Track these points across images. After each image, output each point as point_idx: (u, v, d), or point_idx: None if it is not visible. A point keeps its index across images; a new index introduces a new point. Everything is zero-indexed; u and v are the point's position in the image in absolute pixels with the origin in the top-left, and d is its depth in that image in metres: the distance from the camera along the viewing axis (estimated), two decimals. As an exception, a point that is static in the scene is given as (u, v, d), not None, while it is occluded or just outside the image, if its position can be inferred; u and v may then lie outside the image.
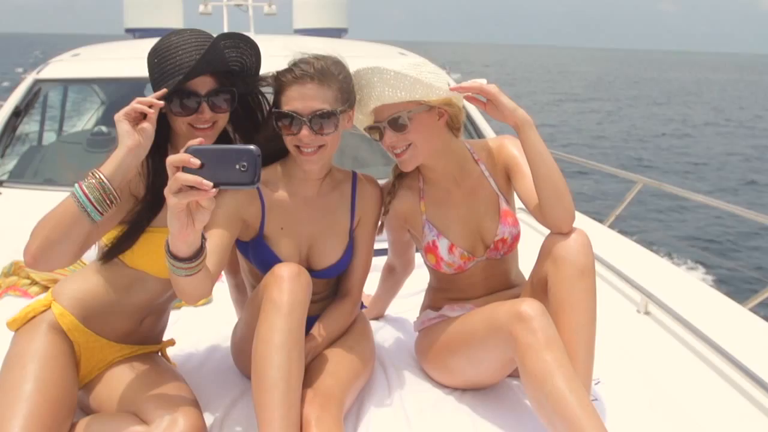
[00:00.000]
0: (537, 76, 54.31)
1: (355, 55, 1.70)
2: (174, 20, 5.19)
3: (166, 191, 1.10)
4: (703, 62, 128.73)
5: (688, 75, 66.72)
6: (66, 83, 4.09)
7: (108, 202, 1.27)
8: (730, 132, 21.79)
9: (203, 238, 1.21)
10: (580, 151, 15.72)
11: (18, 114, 3.31)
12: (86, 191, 1.25)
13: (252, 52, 1.48)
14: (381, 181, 1.77)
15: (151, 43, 1.42)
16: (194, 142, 1.10)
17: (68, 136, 4.46)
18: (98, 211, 1.26)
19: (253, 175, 1.08)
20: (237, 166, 1.08)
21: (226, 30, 4.41)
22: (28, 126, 3.81)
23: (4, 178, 3.20)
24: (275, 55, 1.61)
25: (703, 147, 18.24)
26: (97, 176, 1.26)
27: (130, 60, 3.52)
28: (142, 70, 1.47)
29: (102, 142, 3.67)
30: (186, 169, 1.08)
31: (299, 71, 1.46)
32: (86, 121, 5.07)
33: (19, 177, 3.32)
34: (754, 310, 2.26)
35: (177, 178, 1.08)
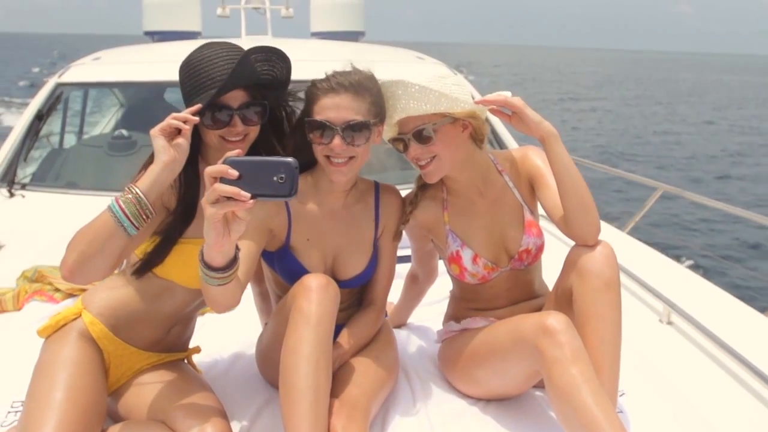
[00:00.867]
0: (547, 76, 54.14)
1: (374, 60, 1.70)
2: (192, 23, 5.19)
3: (204, 201, 1.11)
4: (718, 64, 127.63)
5: (699, 76, 66.33)
6: (88, 87, 4.13)
7: (144, 216, 1.29)
8: (725, 130, 22.09)
9: (237, 248, 1.23)
10: (574, 146, 16.10)
11: (40, 117, 3.35)
12: (123, 206, 1.27)
13: (283, 64, 1.49)
14: (400, 186, 1.77)
15: (170, 46, 1.43)
16: (232, 154, 1.12)
17: (89, 140, 4.49)
18: (134, 225, 1.28)
19: (290, 187, 1.10)
20: (274, 178, 1.09)
21: (243, 32, 4.44)
22: (49, 128, 3.85)
23: (26, 181, 3.23)
24: (297, 59, 1.61)
25: (693, 143, 18.64)
26: (134, 191, 1.28)
27: (151, 64, 3.54)
28: (163, 75, 1.46)
29: (123, 145, 3.69)
30: (224, 180, 1.10)
31: (335, 82, 1.47)
32: (106, 122, 5.11)
33: (41, 180, 3.35)
34: None
35: (215, 189, 1.10)
